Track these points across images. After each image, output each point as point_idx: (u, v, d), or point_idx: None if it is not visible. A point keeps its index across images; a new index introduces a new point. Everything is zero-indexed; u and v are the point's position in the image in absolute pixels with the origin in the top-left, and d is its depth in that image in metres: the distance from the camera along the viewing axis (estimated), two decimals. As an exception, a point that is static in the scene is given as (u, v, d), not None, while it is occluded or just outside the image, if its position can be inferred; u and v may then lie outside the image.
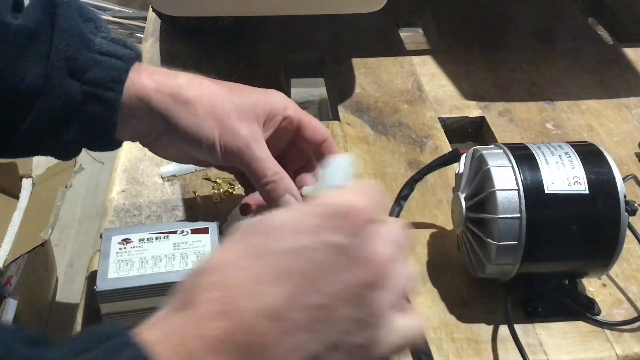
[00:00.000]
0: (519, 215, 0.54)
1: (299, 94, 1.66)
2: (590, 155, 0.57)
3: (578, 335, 0.58)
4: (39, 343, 0.29)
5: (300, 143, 0.58)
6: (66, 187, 1.26)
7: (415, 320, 0.35)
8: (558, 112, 0.88)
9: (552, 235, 0.55)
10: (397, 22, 1.12)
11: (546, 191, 0.55)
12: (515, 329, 0.56)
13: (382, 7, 0.77)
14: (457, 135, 0.87)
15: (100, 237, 0.57)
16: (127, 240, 0.57)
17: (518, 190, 0.55)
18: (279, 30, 1.04)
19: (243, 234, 0.33)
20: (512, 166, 0.56)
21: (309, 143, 0.58)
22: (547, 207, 0.55)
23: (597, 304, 0.60)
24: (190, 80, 0.53)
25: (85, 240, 1.63)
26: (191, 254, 0.55)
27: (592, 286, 0.63)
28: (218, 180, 0.73)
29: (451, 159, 0.65)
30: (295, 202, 0.53)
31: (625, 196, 0.56)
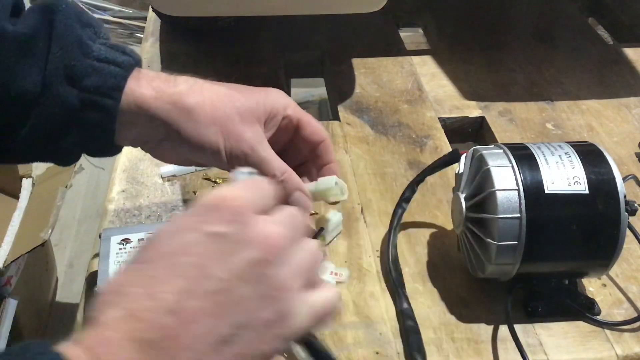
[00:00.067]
0: (519, 215, 0.54)
1: (299, 94, 1.66)
2: (590, 155, 0.57)
3: (578, 335, 0.58)
4: None
5: (298, 142, 0.58)
6: (66, 187, 1.26)
7: (328, 292, 0.38)
8: (558, 112, 0.88)
9: (552, 235, 0.55)
10: (397, 22, 1.12)
11: (546, 191, 0.55)
12: (515, 329, 0.56)
13: (382, 7, 0.77)
14: (457, 135, 0.87)
15: (99, 237, 0.58)
16: (127, 240, 0.57)
17: (518, 190, 0.55)
18: (279, 30, 1.04)
19: (135, 255, 0.35)
20: (512, 166, 0.56)
21: (307, 142, 0.58)
22: (547, 207, 0.55)
23: (597, 304, 0.60)
24: (190, 86, 0.53)
25: (85, 240, 1.63)
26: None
27: (592, 286, 0.63)
28: (218, 180, 0.73)
29: (451, 160, 0.65)
30: (305, 198, 0.54)
31: (625, 196, 0.56)
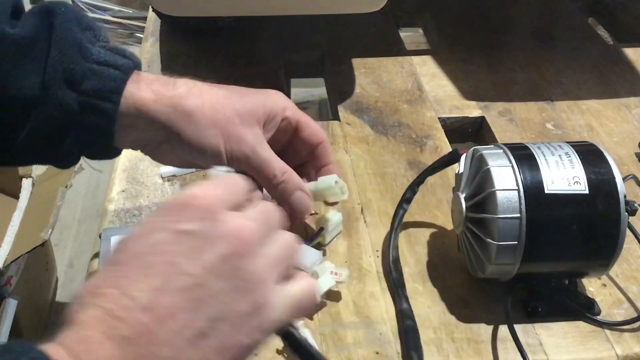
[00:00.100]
0: (519, 215, 0.54)
1: (299, 94, 1.67)
2: (590, 155, 0.57)
3: (578, 335, 0.58)
4: None
5: (297, 143, 0.58)
6: (66, 187, 1.26)
7: (305, 282, 0.39)
8: (558, 112, 0.88)
9: (552, 235, 0.55)
10: (397, 22, 1.12)
11: (546, 191, 0.55)
12: (515, 329, 0.56)
13: (382, 7, 0.77)
14: (457, 135, 0.87)
15: (99, 237, 0.57)
16: (127, 240, 0.57)
17: (518, 190, 0.55)
18: (279, 30, 1.04)
19: (110, 257, 0.36)
20: (512, 166, 0.56)
21: (306, 144, 0.58)
22: (547, 207, 0.55)
23: (597, 304, 0.60)
24: (189, 88, 0.53)
25: (85, 240, 1.64)
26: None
27: (592, 286, 0.63)
28: (218, 180, 0.73)
29: (451, 160, 0.65)
30: (306, 198, 0.55)
31: (625, 196, 0.56)
